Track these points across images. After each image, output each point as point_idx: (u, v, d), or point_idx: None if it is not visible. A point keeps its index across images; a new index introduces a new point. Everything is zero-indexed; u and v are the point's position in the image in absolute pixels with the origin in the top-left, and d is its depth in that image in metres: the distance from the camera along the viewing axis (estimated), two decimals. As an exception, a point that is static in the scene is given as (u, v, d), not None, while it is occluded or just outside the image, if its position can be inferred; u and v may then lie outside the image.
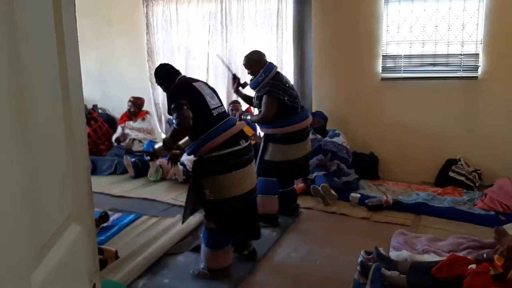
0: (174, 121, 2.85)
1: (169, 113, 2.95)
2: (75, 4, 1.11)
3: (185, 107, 2.82)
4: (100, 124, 6.47)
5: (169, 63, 3.05)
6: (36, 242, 0.83)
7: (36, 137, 0.86)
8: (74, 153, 1.05)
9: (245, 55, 4.00)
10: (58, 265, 0.92)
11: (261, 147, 3.95)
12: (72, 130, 1.05)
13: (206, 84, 3.19)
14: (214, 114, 2.95)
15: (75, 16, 1.13)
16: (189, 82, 3.06)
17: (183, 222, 3.23)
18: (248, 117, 4.35)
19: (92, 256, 1.17)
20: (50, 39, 0.99)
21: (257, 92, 3.91)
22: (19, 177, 0.77)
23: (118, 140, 6.18)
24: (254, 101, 4.01)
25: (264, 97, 3.79)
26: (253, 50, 4.04)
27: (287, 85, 3.89)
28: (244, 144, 2.97)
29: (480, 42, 4.89)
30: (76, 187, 1.06)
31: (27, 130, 0.81)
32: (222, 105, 3.10)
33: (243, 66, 4.00)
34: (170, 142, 3.00)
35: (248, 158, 3.01)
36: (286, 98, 3.78)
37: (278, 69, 4.00)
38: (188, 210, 3.08)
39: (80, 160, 1.10)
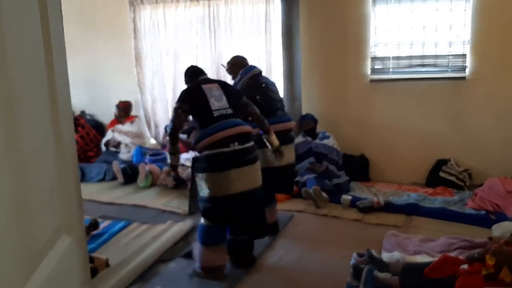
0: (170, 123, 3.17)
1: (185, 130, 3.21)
2: (61, 15, 1.09)
3: (180, 110, 3.13)
4: (87, 131, 6.41)
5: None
6: (27, 256, 0.82)
7: (24, 149, 0.85)
8: (63, 164, 1.04)
9: (229, 60, 4.03)
10: (49, 277, 0.90)
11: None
12: (61, 141, 1.04)
13: (220, 85, 3.30)
14: (215, 115, 3.08)
15: (62, 26, 1.11)
16: (198, 85, 3.23)
17: (189, 211, 3.53)
18: None
19: (83, 266, 1.16)
20: (38, 50, 0.97)
21: None
22: (7, 191, 0.75)
23: (107, 143, 6.14)
24: None
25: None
26: (234, 56, 4.10)
27: (264, 85, 3.82)
28: (235, 146, 3.01)
29: (467, 43, 4.93)
30: (66, 198, 1.04)
31: (15, 142, 0.80)
32: (229, 107, 3.18)
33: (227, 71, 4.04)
34: (172, 148, 3.21)
35: (243, 160, 3.04)
36: (258, 97, 3.71)
37: (267, 73, 4.00)
38: (193, 202, 3.18)
39: (69, 170, 1.08)
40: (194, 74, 3.41)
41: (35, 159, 0.92)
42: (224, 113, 3.12)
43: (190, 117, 3.30)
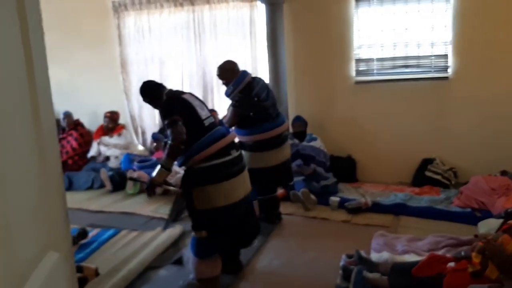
0: (169, 136, 2.86)
1: (162, 130, 2.99)
2: (42, 27, 1.09)
3: (180, 122, 2.85)
4: (86, 131, 6.46)
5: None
6: (13, 274, 0.82)
7: (6, 166, 0.84)
8: (47, 179, 1.04)
9: (219, 65, 3.99)
10: (36, 295, 0.90)
11: None
12: (45, 156, 1.04)
13: (193, 95, 3.20)
14: (206, 124, 2.99)
15: (43, 37, 1.11)
16: (178, 95, 3.08)
17: (164, 228, 3.21)
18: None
19: (71, 281, 1.16)
20: (19, 63, 0.97)
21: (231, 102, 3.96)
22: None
23: (93, 158, 6.13)
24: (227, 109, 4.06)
25: (231, 108, 3.91)
26: (226, 60, 4.02)
27: (257, 98, 3.87)
28: (234, 154, 3.00)
29: (449, 43, 4.99)
30: (51, 213, 1.05)
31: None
32: (211, 115, 3.12)
33: (218, 77, 4.00)
34: (168, 161, 2.91)
35: (239, 168, 3.03)
36: (251, 114, 3.85)
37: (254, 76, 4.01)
38: (171, 218, 3.08)
39: (54, 186, 1.09)
40: (157, 89, 3.15)
41: (17, 176, 0.92)
42: (211, 121, 3.05)
43: None
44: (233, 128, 3.95)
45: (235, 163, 2.99)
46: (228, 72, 3.89)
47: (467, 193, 4.36)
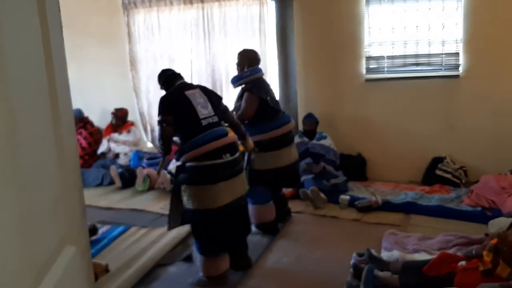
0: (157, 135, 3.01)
1: None
2: (61, 27, 1.10)
3: (165, 124, 2.96)
4: (96, 129, 6.49)
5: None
6: (32, 268, 0.83)
7: (27, 161, 0.85)
8: (66, 174, 1.04)
9: (244, 49, 4.02)
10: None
11: (245, 157, 3.86)
12: (64, 152, 1.04)
13: (203, 91, 3.17)
14: (203, 124, 2.96)
15: (62, 36, 1.12)
16: (181, 91, 3.07)
17: (168, 228, 3.23)
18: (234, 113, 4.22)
19: (87, 275, 1.16)
20: (39, 61, 0.98)
21: (240, 91, 3.90)
22: (11, 204, 0.76)
23: (103, 154, 6.16)
24: (235, 104, 3.96)
25: (245, 94, 3.76)
26: (251, 49, 4.08)
27: (268, 88, 3.92)
28: (227, 158, 2.94)
29: (460, 41, 4.96)
30: (69, 208, 1.05)
31: (18, 154, 0.80)
32: (215, 114, 3.08)
33: (237, 58, 3.97)
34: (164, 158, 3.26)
35: (233, 171, 2.99)
36: (268, 98, 3.78)
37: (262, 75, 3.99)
38: (173, 216, 3.08)
39: (72, 180, 1.09)
40: (170, 78, 3.22)
41: (37, 171, 0.92)
42: (211, 121, 3.01)
43: None
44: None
45: (228, 167, 2.95)
46: (247, 59, 3.88)
47: (478, 192, 4.33)
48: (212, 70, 5.93)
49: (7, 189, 0.76)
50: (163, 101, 3.08)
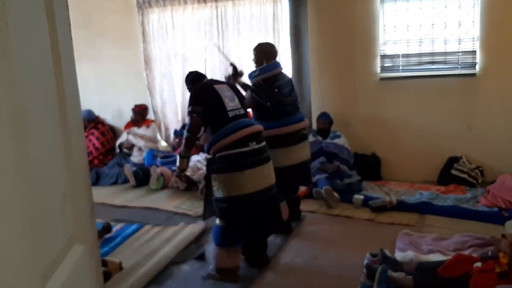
0: (186, 126, 3.16)
1: (184, 126, 3.17)
2: (69, 24, 1.10)
3: (195, 115, 3.11)
4: (107, 128, 6.54)
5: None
6: (39, 267, 0.83)
7: (35, 160, 0.85)
8: (74, 173, 1.04)
9: (259, 43, 4.04)
10: (63, 287, 0.91)
11: None
12: (72, 150, 1.04)
13: (229, 86, 3.32)
14: (230, 116, 3.08)
15: (71, 35, 1.12)
16: (210, 85, 3.23)
17: (204, 218, 3.37)
18: None
19: (96, 274, 1.16)
20: (47, 60, 0.98)
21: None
22: (19, 203, 0.76)
23: (121, 145, 6.21)
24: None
25: (247, 92, 3.87)
26: (266, 42, 4.16)
27: (277, 90, 3.81)
28: (253, 146, 3.04)
29: (477, 39, 4.89)
30: (78, 207, 1.05)
31: (26, 153, 0.81)
32: (241, 107, 3.20)
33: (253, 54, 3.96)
34: (185, 150, 3.27)
35: (259, 159, 3.06)
36: (268, 104, 3.75)
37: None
38: (208, 207, 3.14)
39: (81, 179, 1.09)
40: (196, 78, 3.38)
41: (46, 170, 0.93)
42: (238, 113, 3.13)
43: None
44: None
45: (254, 155, 3.03)
46: (263, 53, 3.88)
47: (494, 192, 4.27)
48: (226, 69, 5.92)
49: (15, 188, 0.76)
50: (193, 93, 3.24)
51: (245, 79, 4.09)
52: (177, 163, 3.35)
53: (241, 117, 3.13)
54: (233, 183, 2.97)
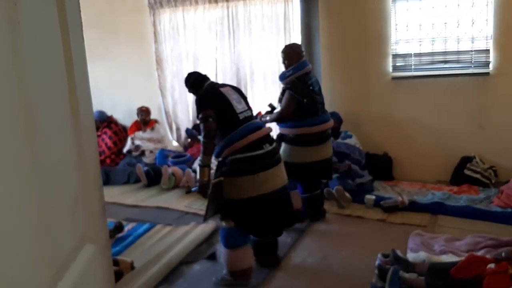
0: (201, 133, 2.99)
1: (196, 126, 3.09)
2: (82, 26, 1.11)
3: (211, 119, 2.95)
4: (120, 128, 6.58)
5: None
6: (50, 267, 0.83)
7: (47, 160, 0.86)
8: (86, 172, 1.05)
9: (286, 45, 4.08)
10: (74, 286, 0.91)
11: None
12: (83, 150, 1.05)
13: (234, 88, 3.27)
14: (241, 118, 3.04)
15: (82, 36, 1.13)
16: (216, 88, 3.16)
17: (204, 220, 3.23)
18: (267, 118, 4.17)
19: (107, 274, 1.17)
20: (59, 60, 0.99)
21: (283, 87, 3.97)
22: (31, 202, 0.77)
23: (129, 152, 6.25)
24: (279, 97, 4.04)
25: (286, 93, 3.85)
26: (293, 42, 4.20)
27: (311, 88, 3.89)
28: (267, 148, 3.02)
29: (490, 38, 4.84)
30: (89, 206, 1.06)
31: (37, 153, 0.81)
32: (249, 109, 3.17)
33: (283, 55, 3.99)
34: (206, 158, 3.03)
35: (272, 161, 3.04)
36: (305, 101, 3.80)
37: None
38: (211, 209, 3.11)
39: (92, 179, 1.10)
40: (196, 81, 3.29)
41: (57, 170, 0.93)
42: (247, 115, 3.10)
43: None
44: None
45: (267, 157, 3.01)
46: (295, 54, 3.91)
47: (508, 192, 4.22)
48: (237, 69, 5.95)
49: (27, 188, 0.77)
50: (201, 98, 3.14)
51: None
52: (197, 175, 3.14)
53: (250, 119, 3.11)
54: (248, 186, 2.94)
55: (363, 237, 3.81)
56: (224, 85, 3.29)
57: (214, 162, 3.12)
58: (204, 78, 3.30)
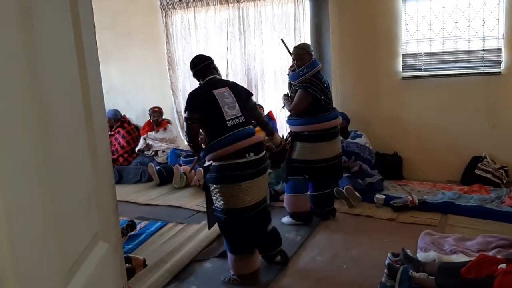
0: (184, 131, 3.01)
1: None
2: (94, 27, 1.14)
3: (194, 122, 3.00)
4: (132, 127, 6.67)
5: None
6: (64, 265, 0.86)
7: (61, 161, 0.89)
8: (99, 172, 1.08)
9: (297, 45, 4.11)
10: (87, 284, 0.94)
11: (289, 146, 4.02)
12: (96, 150, 1.08)
13: (232, 89, 3.15)
14: (229, 125, 2.97)
15: (95, 38, 1.16)
16: (210, 91, 3.06)
17: (209, 227, 3.30)
18: (285, 105, 4.15)
19: (120, 272, 1.20)
20: (72, 62, 1.01)
21: (294, 86, 3.98)
22: (45, 204, 0.79)
23: (141, 151, 6.30)
24: (289, 94, 4.08)
25: (299, 91, 3.87)
26: (303, 43, 4.26)
27: (325, 85, 3.95)
28: (251, 157, 2.95)
29: (501, 37, 4.81)
30: (102, 205, 1.09)
31: (51, 153, 0.83)
32: (242, 114, 3.07)
33: (295, 56, 3.98)
34: (196, 152, 3.28)
35: (256, 171, 2.99)
36: (322, 98, 3.85)
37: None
38: (211, 215, 3.13)
39: (105, 178, 1.13)
40: (202, 72, 3.18)
41: (71, 169, 0.96)
42: (237, 121, 3.02)
43: None
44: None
45: (251, 167, 2.96)
46: (307, 54, 3.93)
47: (520, 192, 4.20)
48: (248, 69, 5.97)
49: (41, 187, 0.79)
50: (190, 98, 3.10)
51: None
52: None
53: (241, 126, 3.02)
54: (230, 195, 2.93)
55: (373, 236, 3.81)
56: (223, 84, 3.17)
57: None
58: (207, 71, 3.18)
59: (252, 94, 3.40)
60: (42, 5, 0.86)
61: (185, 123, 3.08)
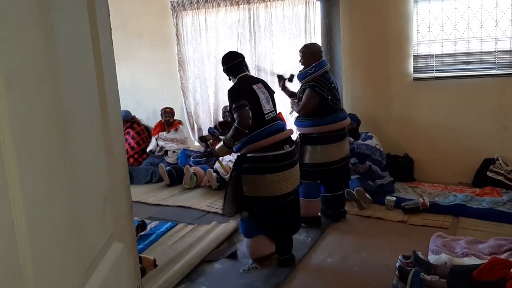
0: (235, 120, 3.03)
1: (230, 111, 3.13)
2: (111, 30, 1.15)
3: (247, 107, 3.02)
4: (142, 128, 6.71)
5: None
6: (82, 265, 0.86)
7: (78, 162, 0.89)
8: (114, 173, 1.09)
9: (304, 44, 4.13)
10: (103, 284, 0.95)
11: (299, 150, 3.97)
12: (112, 151, 1.09)
13: (265, 86, 3.31)
14: (267, 118, 3.13)
15: (112, 40, 1.17)
16: (249, 85, 3.20)
17: (223, 214, 3.36)
18: (294, 107, 4.15)
19: (134, 271, 1.21)
20: (89, 63, 1.02)
21: (302, 86, 3.99)
22: (63, 205, 0.80)
23: (152, 152, 6.34)
24: (297, 94, 4.08)
25: (307, 90, 3.87)
26: (312, 43, 4.28)
27: (333, 85, 3.95)
28: (287, 149, 3.13)
29: (514, 38, 4.77)
30: (117, 205, 1.10)
31: (69, 156, 0.84)
32: (274, 110, 3.25)
33: (299, 54, 4.02)
34: (231, 141, 3.11)
35: (291, 162, 3.15)
36: (329, 98, 3.86)
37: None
38: (227, 205, 3.17)
39: (120, 179, 1.14)
40: (237, 68, 3.27)
41: (87, 170, 0.97)
42: (272, 116, 3.19)
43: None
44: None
45: (287, 158, 3.12)
46: (312, 54, 3.94)
47: (532, 195, 4.16)
48: (258, 70, 5.96)
49: (60, 187, 0.80)
50: (234, 90, 3.17)
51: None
52: (217, 147, 3.24)
53: (274, 120, 3.20)
54: (266, 184, 3.05)
55: (383, 238, 3.80)
56: (257, 81, 3.31)
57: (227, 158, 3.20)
58: (240, 68, 3.27)
59: (274, 92, 3.45)
60: (61, 7, 0.87)
61: (236, 113, 3.01)
